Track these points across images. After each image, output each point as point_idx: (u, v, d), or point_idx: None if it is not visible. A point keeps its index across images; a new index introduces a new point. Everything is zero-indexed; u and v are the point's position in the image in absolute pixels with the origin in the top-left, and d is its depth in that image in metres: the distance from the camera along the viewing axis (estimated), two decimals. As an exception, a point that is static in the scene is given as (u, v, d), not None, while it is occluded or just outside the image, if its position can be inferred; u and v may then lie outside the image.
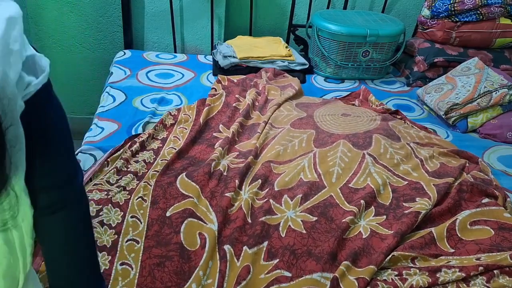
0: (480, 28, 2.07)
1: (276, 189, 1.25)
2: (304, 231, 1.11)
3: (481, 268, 1.01)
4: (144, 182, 1.23)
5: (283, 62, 2.07)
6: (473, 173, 1.39)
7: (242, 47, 2.09)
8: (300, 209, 1.18)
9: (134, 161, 1.33)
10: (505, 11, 2.06)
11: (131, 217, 1.13)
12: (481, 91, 1.76)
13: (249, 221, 1.15)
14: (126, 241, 1.08)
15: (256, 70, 2.02)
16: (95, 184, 1.19)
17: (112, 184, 1.21)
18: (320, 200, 1.22)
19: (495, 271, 1.01)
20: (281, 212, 1.18)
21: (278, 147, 1.43)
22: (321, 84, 2.10)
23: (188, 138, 1.47)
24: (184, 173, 1.27)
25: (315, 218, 1.15)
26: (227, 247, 1.07)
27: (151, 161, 1.36)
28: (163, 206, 1.16)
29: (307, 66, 2.11)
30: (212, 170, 1.30)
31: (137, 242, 1.08)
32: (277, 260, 1.04)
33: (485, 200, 1.23)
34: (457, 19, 2.07)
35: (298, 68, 2.09)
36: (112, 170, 1.26)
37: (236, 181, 1.26)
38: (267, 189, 1.26)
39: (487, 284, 0.99)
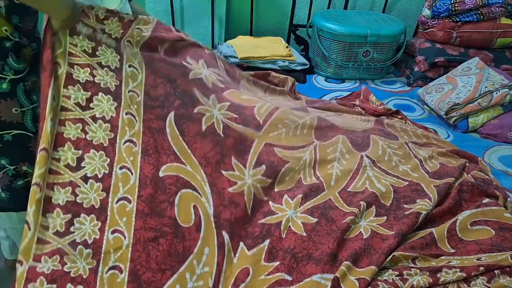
0: (480, 28, 2.07)
1: (275, 190, 1.23)
2: (304, 234, 1.11)
3: (481, 268, 1.01)
4: (126, 115, 1.06)
5: (284, 62, 2.07)
6: (474, 173, 1.39)
7: (243, 47, 2.09)
8: (300, 209, 1.18)
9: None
10: (505, 11, 2.06)
11: (120, 168, 1.03)
12: (481, 91, 1.76)
13: (249, 212, 1.13)
14: (117, 201, 1.00)
15: (256, 70, 2.02)
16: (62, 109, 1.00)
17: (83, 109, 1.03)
18: (320, 202, 1.22)
19: (495, 271, 1.01)
20: (282, 211, 1.18)
21: (280, 127, 1.34)
22: (322, 84, 2.10)
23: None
24: (172, 115, 1.13)
25: (315, 220, 1.15)
26: (226, 236, 1.05)
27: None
28: (155, 162, 1.07)
29: (307, 66, 2.11)
30: (205, 128, 1.17)
31: (129, 201, 1.01)
32: (278, 262, 1.04)
33: (486, 200, 1.23)
34: (458, 19, 2.07)
35: (298, 68, 2.09)
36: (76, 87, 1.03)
37: (233, 158, 1.18)
38: (270, 180, 1.22)
39: (487, 284, 0.99)
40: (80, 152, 1.00)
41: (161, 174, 1.07)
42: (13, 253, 1.60)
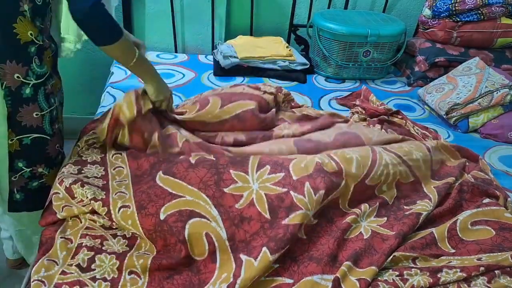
0: (481, 28, 2.07)
1: (294, 178, 1.12)
2: (304, 237, 1.09)
3: (482, 268, 1.01)
4: (117, 193, 1.11)
5: (284, 62, 2.07)
6: (474, 173, 1.39)
7: (243, 47, 2.09)
8: None
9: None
10: (506, 11, 2.06)
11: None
12: (482, 91, 1.76)
13: (268, 217, 1.06)
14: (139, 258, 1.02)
15: (257, 70, 2.02)
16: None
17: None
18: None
19: (496, 271, 1.01)
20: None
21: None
22: (322, 84, 2.10)
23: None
24: (161, 172, 1.14)
25: (315, 221, 1.13)
26: (244, 258, 0.99)
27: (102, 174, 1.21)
28: (153, 210, 1.05)
29: (307, 66, 2.11)
30: (194, 161, 1.16)
31: (148, 254, 1.03)
32: (277, 264, 1.02)
33: (486, 200, 1.23)
34: (458, 19, 2.07)
35: (299, 68, 2.09)
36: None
37: (231, 171, 1.13)
38: (282, 173, 1.14)
39: (488, 284, 0.99)
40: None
41: (162, 217, 1.04)
42: (15, 253, 1.61)
